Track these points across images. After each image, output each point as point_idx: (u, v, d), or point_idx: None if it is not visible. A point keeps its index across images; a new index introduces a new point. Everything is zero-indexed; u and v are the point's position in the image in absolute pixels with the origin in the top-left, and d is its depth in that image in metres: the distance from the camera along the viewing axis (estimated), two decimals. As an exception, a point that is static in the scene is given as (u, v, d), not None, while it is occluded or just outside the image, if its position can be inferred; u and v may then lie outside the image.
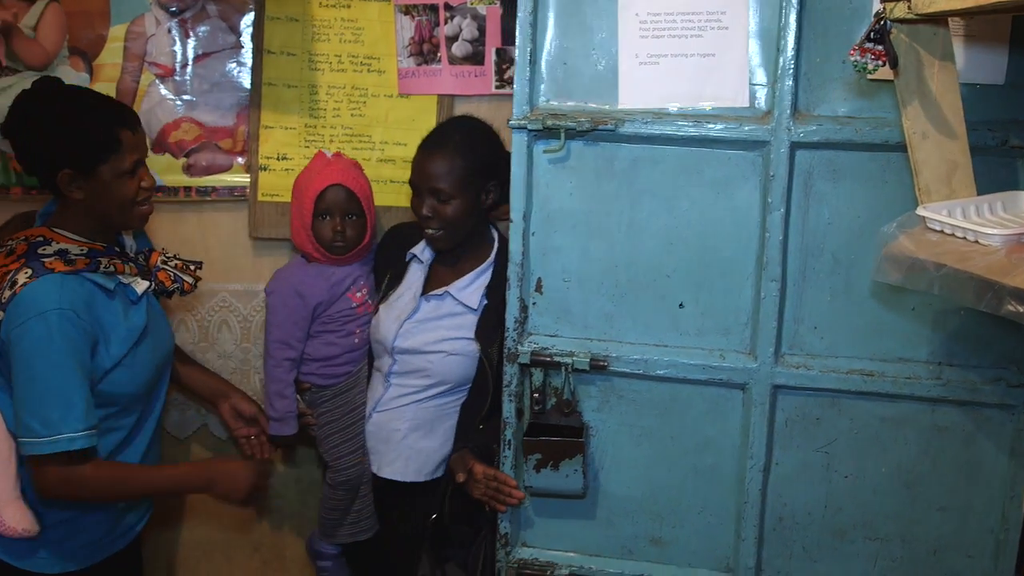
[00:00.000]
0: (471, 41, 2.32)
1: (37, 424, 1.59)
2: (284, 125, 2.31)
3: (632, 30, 1.68)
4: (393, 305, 2.06)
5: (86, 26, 2.24)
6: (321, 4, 2.28)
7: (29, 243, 1.68)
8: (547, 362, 1.78)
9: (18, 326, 1.59)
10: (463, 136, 1.99)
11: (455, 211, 1.93)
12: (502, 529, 1.87)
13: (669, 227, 1.74)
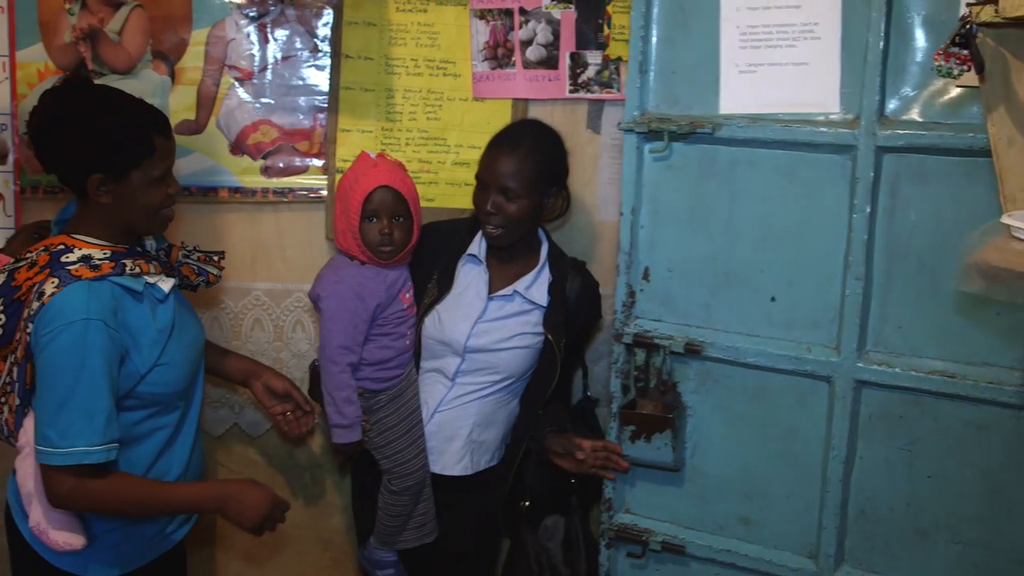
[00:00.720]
0: (545, 45, 2.36)
1: (54, 434, 1.56)
2: (361, 128, 2.36)
3: (733, 41, 1.81)
4: (457, 305, 2.08)
5: (169, 30, 2.28)
6: (398, 9, 2.32)
7: (51, 252, 1.65)
8: (649, 344, 1.94)
9: (46, 335, 1.56)
10: (536, 138, 2.04)
11: (519, 210, 1.98)
12: (607, 494, 2.04)
13: (764, 225, 1.84)
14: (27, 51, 2.26)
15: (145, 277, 1.70)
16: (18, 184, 2.29)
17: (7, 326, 1.63)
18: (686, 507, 2.00)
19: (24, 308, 1.61)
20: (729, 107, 1.83)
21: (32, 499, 1.67)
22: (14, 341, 1.63)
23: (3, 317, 1.63)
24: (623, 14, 2.35)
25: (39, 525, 1.66)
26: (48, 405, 1.58)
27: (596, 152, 2.41)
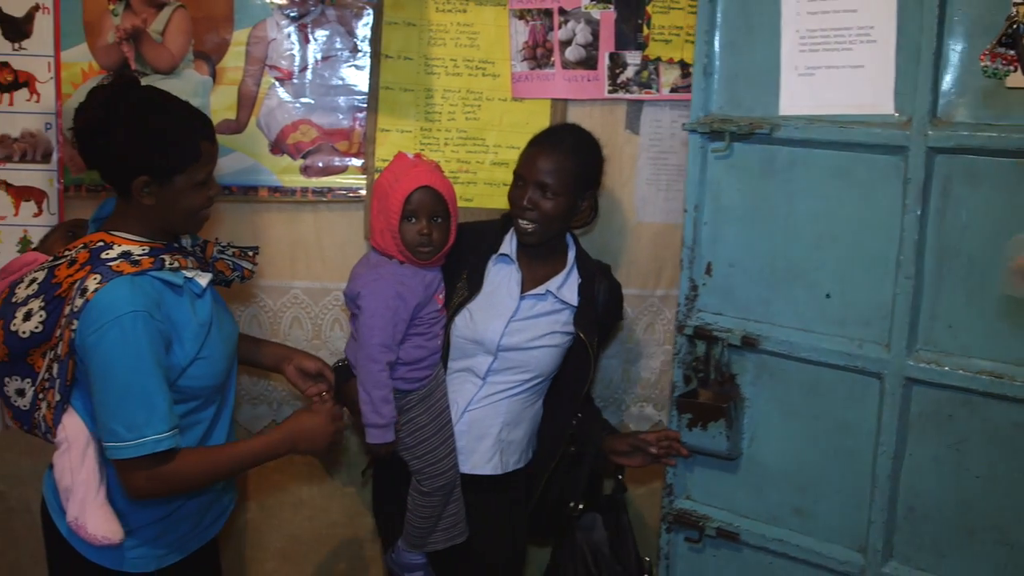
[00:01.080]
0: (584, 45, 2.36)
1: (121, 428, 1.58)
2: (400, 128, 2.37)
3: (792, 45, 1.85)
4: (488, 304, 2.08)
5: (210, 31, 2.29)
6: (438, 9, 2.33)
7: (90, 249, 1.66)
8: (708, 336, 2.00)
9: (94, 332, 1.57)
10: (577, 141, 2.07)
11: (554, 208, 2.00)
12: (668, 480, 2.11)
13: (820, 223, 1.87)
14: (72, 51, 2.27)
15: (183, 272, 1.72)
16: (62, 182, 2.31)
17: (47, 322, 1.63)
18: (742, 496, 2.05)
19: (64, 305, 1.62)
20: (788, 109, 1.87)
21: (70, 494, 1.68)
22: (53, 337, 1.64)
23: (44, 314, 1.64)
24: (662, 14, 2.36)
25: (77, 520, 1.67)
26: (109, 401, 1.59)
27: (634, 153, 2.41)
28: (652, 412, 2.55)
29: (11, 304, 1.67)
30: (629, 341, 2.49)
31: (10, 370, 1.69)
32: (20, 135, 2.29)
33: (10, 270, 1.81)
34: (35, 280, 1.68)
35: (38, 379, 1.68)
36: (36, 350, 1.66)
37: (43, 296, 1.64)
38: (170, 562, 1.83)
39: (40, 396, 1.69)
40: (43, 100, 2.28)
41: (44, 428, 1.71)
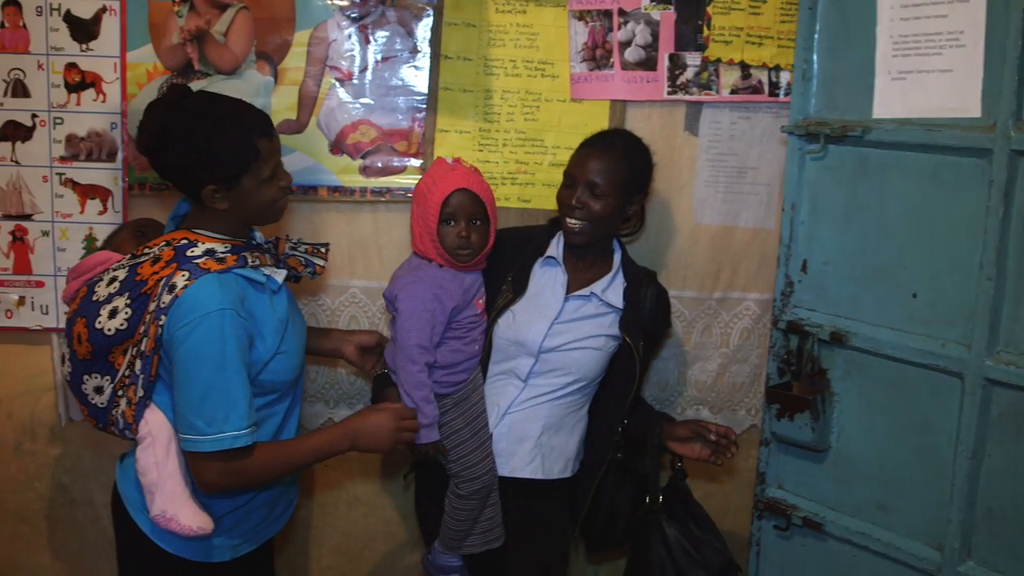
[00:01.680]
0: (644, 46, 2.35)
1: (202, 422, 1.62)
2: (459, 129, 2.37)
3: (887, 50, 1.90)
4: (532, 306, 2.08)
5: (272, 32, 2.32)
6: (498, 10, 2.33)
7: (174, 247, 1.70)
8: (800, 331, 2.06)
9: (183, 327, 1.61)
10: (629, 145, 2.09)
11: (602, 209, 2.01)
12: (761, 468, 2.19)
13: (909, 224, 1.90)
14: (137, 52, 2.30)
15: (263, 269, 1.76)
16: (126, 181, 2.35)
17: (131, 320, 1.67)
18: (829, 488, 2.09)
19: (150, 301, 1.65)
20: (881, 112, 1.91)
21: (155, 489, 1.71)
22: (136, 334, 1.67)
23: (129, 311, 1.67)
24: (723, 15, 2.34)
25: (165, 513, 1.70)
26: (192, 395, 1.63)
27: (693, 154, 2.40)
28: (708, 415, 2.54)
29: (93, 303, 1.70)
30: (685, 344, 2.48)
31: (90, 368, 1.73)
32: (87, 134, 2.33)
33: (83, 269, 1.85)
34: (116, 278, 1.71)
35: (117, 376, 1.71)
36: (118, 347, 1.69)
37: (128, 293, 1.68)
38: (244, 552, 1.86)
39: (119, 393, 1.72)
40: (109, 100, 2.32)
41: (122, 424, 1.74)
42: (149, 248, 1.74)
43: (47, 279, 2.38)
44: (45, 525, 2.54)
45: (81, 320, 1.71)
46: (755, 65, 2.37)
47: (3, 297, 2.39)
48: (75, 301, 1.76)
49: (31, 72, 2.30)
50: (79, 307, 1.73)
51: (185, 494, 1.72)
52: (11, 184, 2.34)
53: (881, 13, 1.90)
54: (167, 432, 1.71)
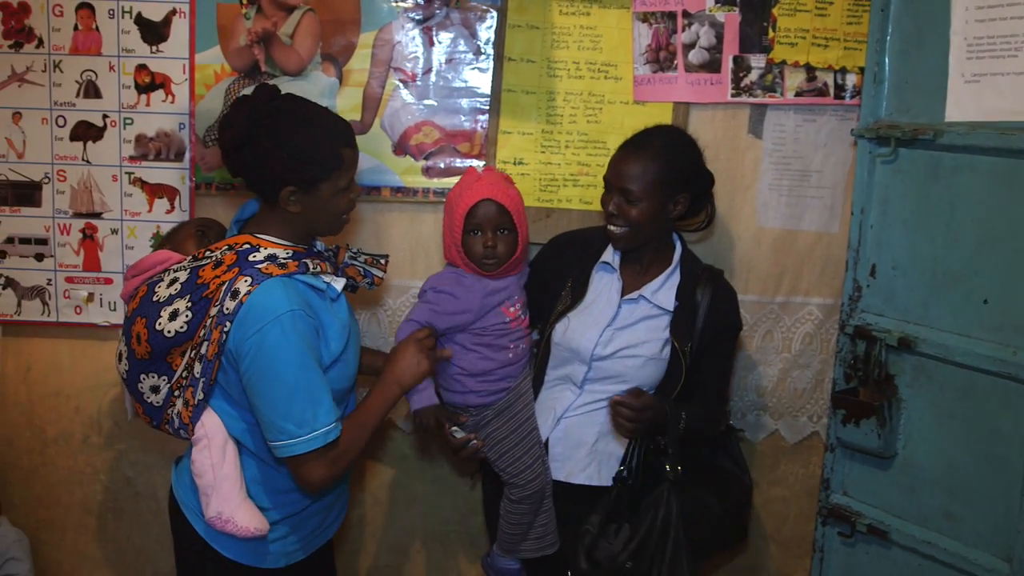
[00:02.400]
0: (708, 48, 2.34)
1: (292, 426, 1.63)
2: (521, 131, 2.38)
3: (960, 53, 1.87)
4: (588, 313, 2.06)
5: (338, 33, 2.34)
6: (561, 12, 2.33)
7: (236, 251, 1.70)
8: (868, 336, 2.04)
9: (255, 333, 1.60)
10: (664, 143, 2.00)
11: (639, 214, 1.96)
12: (826, 474, 2.17)
13: (981, 229, 1.87)
14: (205, 54, 2.34)
15: (323, 276, 1.76)
16: (193, 180, 2.39)
17: (192, 323, 1.67)
18: (895, 495, 2.07)
19: (211, 305, 1.66)
20: (954, 115, 1.88)
21: (211, 491, 1.73)
22: (196, 336, 1.68)
23: (190, 314, 1.68)
24: (788, 17, 2.32)
25: (222, 514, 1.71)
26: (277, 401, 1.63)
27: (757, 157, 2.38)
28: (768, 421, 2.52)
29: (154, 304, 1.71)
30: (747, 348, 2.46)
31: (148, 367, 1.74)
32: (155, 134, 2.38)
33: (142, 268, 1.87)
34: (177, 280, 1.72)
35: (175, 377, 1.73)
36: (177, 349, 1.70)
37: (189, 296, 1.68)
38: (297, 559, 1.88)
39: (175, 393, 1.74)
40: (177, 101, 2.36)
41: (177, 424, 1.76)
42: (211, 251, 1.75)
43: (115, 276, 2.43)
44: (110, 517, 2.59)
45: (141, 320, 1.71)
46: (821, 67, 2.35)
47: (73, 294, 2.44)
48: (134, 299, 1.77)
49: (103, 73, 2.35)
50: (139, 306, 1.74)
51: (241, 495, 1.73)
52: (82, 183, 2.39)
53: (955, 15, 1.87)
54: (222, 434, 1.73)
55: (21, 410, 2.53)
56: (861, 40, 2.33)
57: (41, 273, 2.43)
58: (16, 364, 2.51)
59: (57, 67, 2.34)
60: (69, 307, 2.44)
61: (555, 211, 2.40)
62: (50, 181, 2.39)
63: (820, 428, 2.53)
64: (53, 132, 2.37)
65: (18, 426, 2.54)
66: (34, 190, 2.40)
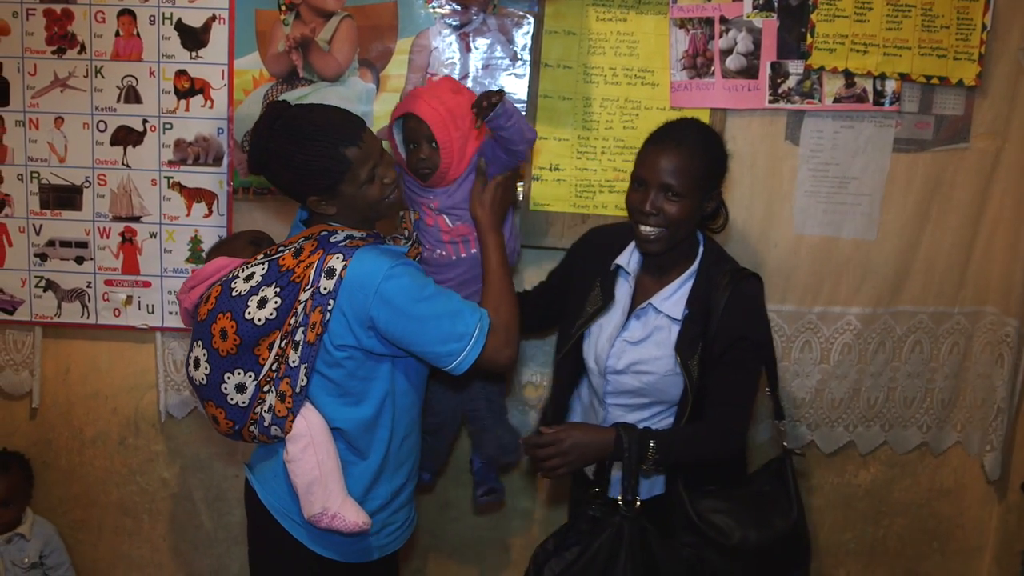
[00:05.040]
0: (746, 55, 2.32)
1: (453, 345, 1.72)
2: (557, 136, 2.38)
3: None
4: (608, 321, 1.98)
5: (375, 39, 2.35)
6: (598, 18, 2.33)
7: (316, 238, 1.77)
8: None
9: (372, 296, 1.68)
10: (701, 136, 1.90)
11: (681, 211, 1.84)
12: None
13: None
14: (244, 59, 2.36)
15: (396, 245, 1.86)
16: (231, 185, 2.41)
17: (281, 309, 1.71)
18: None
19: (300, 291, 1.71)
20: None
21: (316, 487, 1.74)
22: (286, 324, 1.72)
23: (279, 300, 1.71)
24: (827, 23, 2.30)
25: (328, 511, 1.74)
26: (427, 338, 1.72)
27: (795, 164, 2.36)
28: (805, 432, 2.50)
29: (235, 298, 1.74)
30: (784, 359, 2.44)
31: (234, 364, 1.75)
32: (194, 139, 2.40)
33: (203, 276, 1.88)
34: (253, 274, 1.76)
35: (262, 372, 1.74)
36: (265, 339, 1.73)
37: (275, 283, 1.73)
38: (389, 552, 1.92)
39: (264, 389, 1.75)
40: (216, 106, 2.38)
41: (269, 420, 1.76)
42: (283, 246, 1.80)
43: (154, 279, 2.46)
44: (146, 518, 2.62)
45: (225, 315, 1.74)
46: (859, 73, 2.33)
47: (112, 296, 2.47)
48: (207, 302, 1.78)
49: (143, 79, 2.38)
50: (216, 305, 1.76)
51: (344, 492, 1.77)
52: (122, 187, 2.42)
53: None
54: (324, 430, 1.76)
55: (60, 411, 2.57)
56: (900, 46, 2.31)
57: (81, 276, 2.46)
58: (55, 365, 2.54)
59: (99, 72, 2.37)
60: (108, 309, 2.47)
61: (591, 217, 2.39)
62: (90, 185, 2.42)
63: (855, 438, 2.51)
64: (94, 137, 2.40)
65: (57, 427, 2.57)
66: (75, 194, 2.43)
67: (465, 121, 1.94)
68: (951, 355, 2.51)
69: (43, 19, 2.34)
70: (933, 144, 2.38)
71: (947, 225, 2.41)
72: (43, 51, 2.36)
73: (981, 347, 2.50)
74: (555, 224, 2.39)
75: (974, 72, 2.32)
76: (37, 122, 2.39)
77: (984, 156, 2.38)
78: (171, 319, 2.46)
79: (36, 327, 2.51)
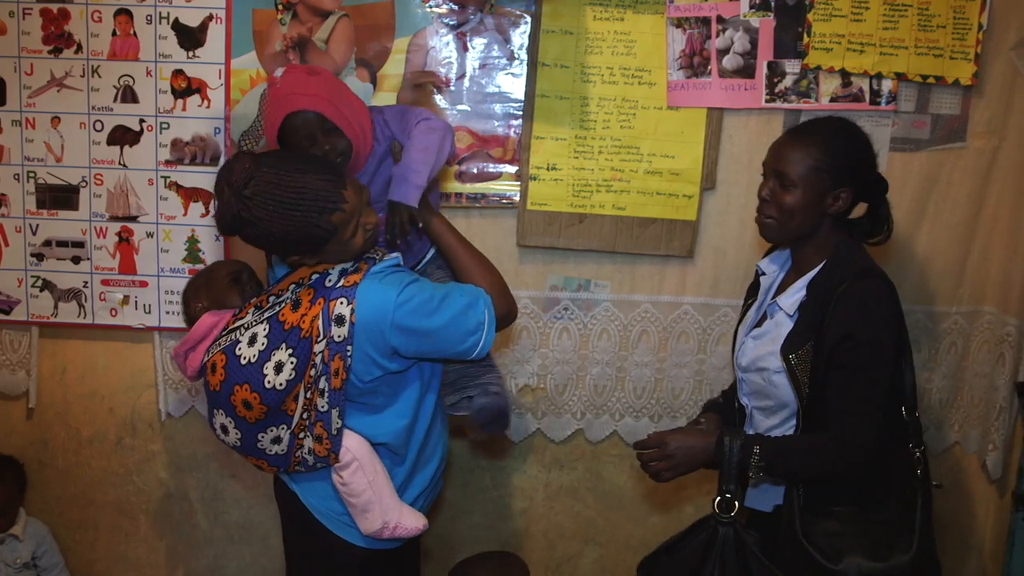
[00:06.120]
0: (742, 54, 2.33)
1: (471, 340, 1.72)
2: (555, 136, 2.38)
3: None
4: (747, 320, 1.99)
5: (372, 39, 2.35)
6: (595, 17, 2.33)
7: (310, 285, 1.70)
8: None
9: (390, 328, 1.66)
10: (830, 132, 1.85)
11: (792, 201, 1.80)
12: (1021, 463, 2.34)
13: None
14: (241, 59, 2.36)
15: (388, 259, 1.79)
16: (228, 185, 2.40)
17: (298, 367, 1.66)
18: None
19: (312, 344, 1.65)
20: None
21: (372, 506, 1.75)
22: (307, 377, 1.67)
23: (295, 359, 1.66)
24: (824, 22, 2.31)
25: (388, 523, 1.76)
26: (448, 342, 1.71)
27: (791, 163, 2.36)
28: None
29: (245, 368, 1.68)
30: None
31: (265, 425, 1.71)
32: (191, 139, 2.40)
33: (196, 338, 1.79)
34: (256, 336, 1.69)
35: (294, 422, 1.70)
36: (290, 396, 1.68)
37: (284, 344, 1.66)
38: None
39: (300, 436, 1.72)
40: (213, 106, 2.38)
41: (312, 461, 1.74)
42: (274, 295, 1.73)
43: (151, 279, 2.46)
44: (143, 518, 2.61)
45: (243, 387, 1.68)
46: (856, 73, 2.33)
47: (108, 296, 2.46)
48: (215, 374, 1.72)
49: (140, 78, 2.38)
50: (228, 376, 1.69)
51: (399, 500, 1.79)
52: (118, 186, 2.42)
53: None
54: (368, 449, 1.75)
55: (56, 411, 2.56)
56: (897, 45, 2.31)
57: (78, 276, 2.46)
58: (52, 365, 2.53)
59: (95, 72, 2.37)
60: (105, 309, 2.47)
61: (588, 216, 2.39)
62: (87, 185, 2.42)
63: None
64: (91, 136, 2.40)
65: (53, 427, 2.57)
66: (71, 193, 2.43)
67: (341, 95, 1.81)
68: (949, 355, 2.51)
69: (40, 19, 2.35)
70: (930, 143, 2.38)
71: (944, 224, 2.41)
72: (40, 51, 2.36)
73: (979, 346, 2.50)
74: (553, 223, 2.40)
75: (970, 72, 2.33)
76: (34, 122, 2.39)
77: (981, 155, 2.39)
78: (168, 319, 2.46)
79: (33, 327, 2.51)
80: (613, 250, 2.42)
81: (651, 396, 2.53)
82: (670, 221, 2.39)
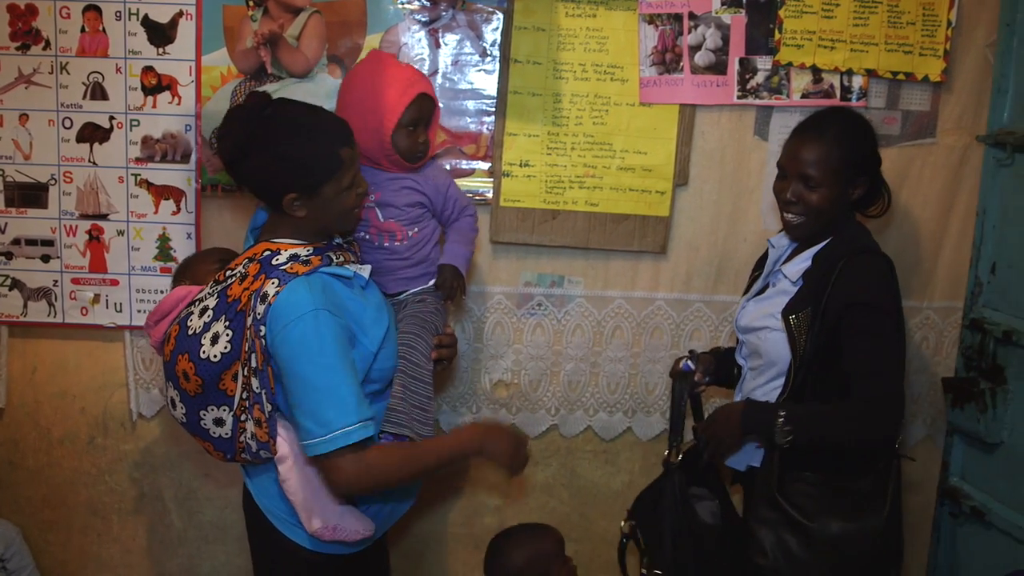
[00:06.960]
0: (714, 50, 2.33)
1: (312, 424, 1.59)
2: (527, 132, 2.38)
3: None
4: (752, 289, 2.12)
5: (344, 35, 2.34)
6: (567, 14, 2.33)
7: (259, 260, 1.70)
8: (981, 328, 2.32)
9: (279, 331, 1.60)
10: (843, 126, 1.94)
11: (820, 199, 1.90)
12: (944, 457, 2.51)
13: None
14: (212, 56, 2.34)
15: (348, 266, 1.76)
16: (199, 182, 2.39)
17: (234, 340, 1.65)
18: (1000, 482, 2.31)
19: (246, 317, 1.64)
20: None
21: (312, 505, 1.71)
22: (242, 353, 1.66)
23: (230, 332, 1.65)
24: (795, 19, 2.32)
25: (327, 525, 1.71)
26: (299, 398, 1.61)
27: (763, 159, 2.38)
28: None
29: (191, 337, 1.68)
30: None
31: (204, 401, 1.70)
32: (162, 136, 2.38)
33: (164, 310, 1.82)
34: (207, 308, 1.69)
35: (235, 403, 1.69)
36: (227, 372, 1.66)
37: (223, 316, 1.66)
38: (378, 536, 1.88)
39: (242, 418, 1.70)
40: (184, 103, 2.36)
41: (256, 447, 1.72)
42: (231, 270, 1.73)
43: (121, 278, 2.44)
44: (116, 518, 2.59)
45: (183, 356, 1.68)
46: (827, 69, 2.34)
47: (79, 295, 2.44)
48: (169, 342, 1.73)
49: (109, 75, 2.35)
50: (176, 345, 1.70)
51: (339, 501, 1.73)
52: (88, 184, 2.40)
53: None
54: None
55: (27, 411, 2.54)
56: (867, 42, 2.33)
57: (47, 274, 2.43)
58: (22, 365, 2.51)
59: (64, 69, 2.35)
60: (75, 308, 2.45)
61: (561, 213, 2.39)
62: (56, 183, 2.40)
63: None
64: (60, 134, 2.37)
65: (24, 427, 2.54)
66: (40, 191, 2.40)
67: None
68: (921, 350, 2.52)
69: (6, 14, 2.32)
70: (900, 139, 2.40)
71: (915, 220, 2.43)
72: (7, 47, 2.33)
73: (952, 342, 2.52)
74: (526, 220, 2.40)
75: (939, 68, 2.35)
76: (1, 119, 2.36)
77: (951, 151, 2.41)
78: (139, 317, 2.44)
79: (2, 326, 2.48)
80: (586, 246, 2.42)
81: (625, 391, 2.53)
82: (643, 217, 2.39)
